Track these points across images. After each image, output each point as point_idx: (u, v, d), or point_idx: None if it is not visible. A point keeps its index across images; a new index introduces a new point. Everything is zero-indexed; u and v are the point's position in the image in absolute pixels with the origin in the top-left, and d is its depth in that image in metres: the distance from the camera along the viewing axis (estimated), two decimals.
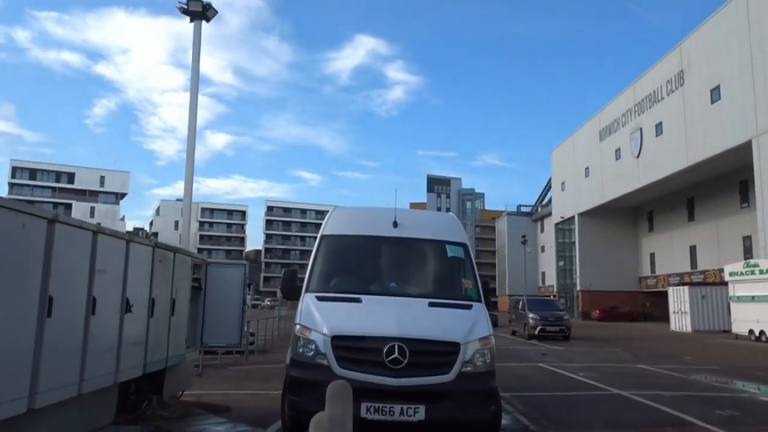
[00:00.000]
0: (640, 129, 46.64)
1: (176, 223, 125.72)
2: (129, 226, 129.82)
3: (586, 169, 57.81)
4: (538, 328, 27.02)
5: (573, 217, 61.01)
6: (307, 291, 6.45)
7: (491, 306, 6.80)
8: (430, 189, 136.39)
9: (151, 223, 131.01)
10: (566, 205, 63.01)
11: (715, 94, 36.96)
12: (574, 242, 61.31)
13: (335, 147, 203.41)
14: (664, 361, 17.74)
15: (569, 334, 27.23)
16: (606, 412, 9.41)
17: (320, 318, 5.76)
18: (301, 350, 5.63)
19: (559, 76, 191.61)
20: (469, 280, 6.82)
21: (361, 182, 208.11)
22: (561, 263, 66.56)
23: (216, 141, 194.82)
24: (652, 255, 55.64)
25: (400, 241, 7.05)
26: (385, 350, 5.34)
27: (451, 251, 7.04)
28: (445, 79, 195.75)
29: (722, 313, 33.69)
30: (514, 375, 13.86)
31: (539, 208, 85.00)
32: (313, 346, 5.56)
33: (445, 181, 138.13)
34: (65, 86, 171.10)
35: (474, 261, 7.11)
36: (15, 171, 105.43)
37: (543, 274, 78.48)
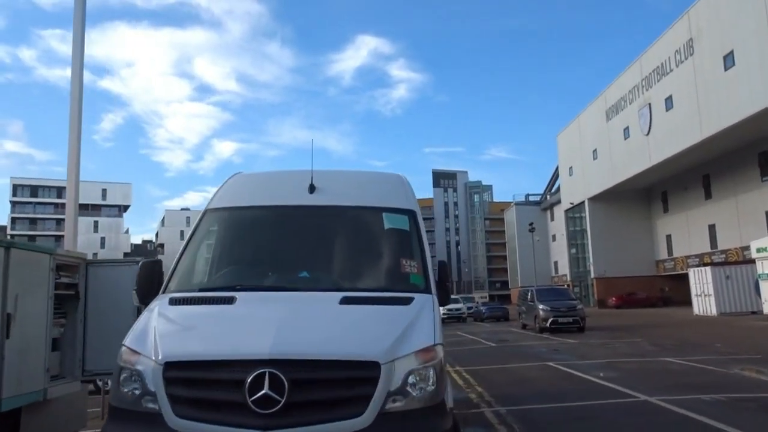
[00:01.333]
0: (649, 104, 44.14)
1: (182, 232, 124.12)
2: (136, 239, 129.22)
3: (594, 151, 55.32)
4: (550, 320, 24.72)
5: (583, 202, 58.54)
6: (164, 291, 4.28)
7: (446, 296, 4.55)
8: (436, 184, 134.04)
9: (156, 234, 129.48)
10: (575, 190, 60.53)
11: (729, 60, 34.46)
12: (586, 229, 58.84)
13: (342, 148, 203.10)
14: (692, 351, 15.43)
15: (584, 324, 24.93)
16: None
17: (155, 335, 3.51)
18: (123, 389, 3.39)
19: (564, 63, 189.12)
20: (414, 262, 4.57)
21: None
22: (573, 251, 64.08)
23: (223, 149, 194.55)
24: (669, 237, 53.05)
25: (316, 212, 4.89)
26: (248, 383, 3.13)
27: (389, 222, 4.84)
28: (448, 74, 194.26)
29: (749, 293, 31.25)
30: (517, 379, 11.65)
31: (548, 197, 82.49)
32: (139, 383, 3.33)
33: (451, 175, 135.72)
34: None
35: (424, 234, 4.88)
36: (16, 189, 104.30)
37: (555, 263, 76.03)
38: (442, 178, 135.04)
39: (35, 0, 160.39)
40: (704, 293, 34.16)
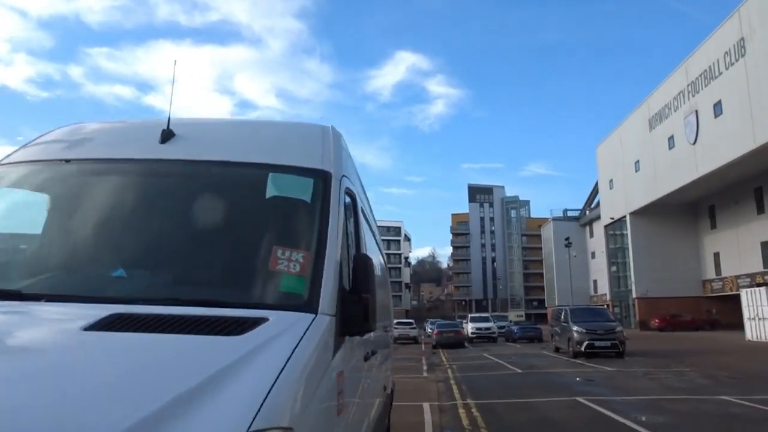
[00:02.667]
0: (696, 111, 41.12)
1: None
2: None
3: (636, 162, 52.24)
4: (585, 344, 22.19)
5: (624, 217, 55.36)
6: None
7: (362, 319, 2.48)
8: (471, 199, 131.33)
9: None
10: (616, 204, 57.38)
11: None
12: (627, 245, 55.57)
13: (380, 164, 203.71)
14: (755, 386, 12.89)
15: (623, 349, 22.32)
16: None
17: None
18: None
19: (603, 76, 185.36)
20: (300, 253, 2.51)
21: (406, 198, 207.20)
22: (613, 269, 60.71)
23: None
24: (717, 255, 49.42)
25: (161, 170, 3.00)
26: None
27: (277, 186, 2.84)
28: (487, 89, 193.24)
29: None
30: (537, 421, 9.41)
31: (587, 212, 79.07)
32: None
33: (487, 190, 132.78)
34: (118, 118, 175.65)
35: (339, 209, 2.83)
36: None
37: (594, 282, 72.53)
38: (478, 193, 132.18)
39: (84, 20, 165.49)
40: (758, 317, 31.03)
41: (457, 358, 24.81)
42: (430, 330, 42.69)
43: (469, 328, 39.22)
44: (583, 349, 22.18)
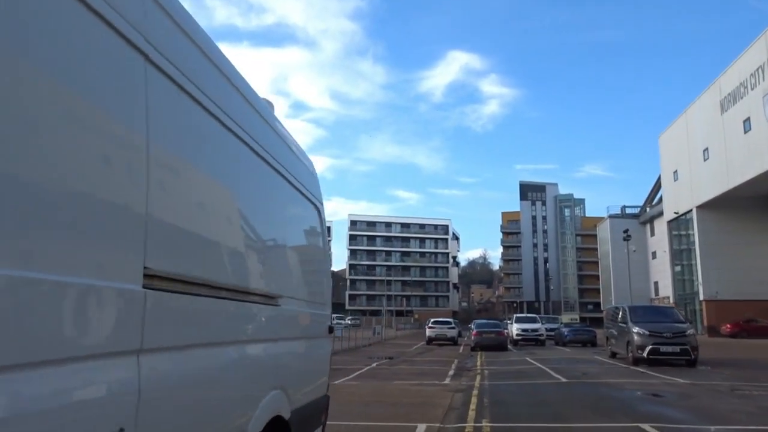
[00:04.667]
0: None
1: None
2: None
3: (705, 150, 47.11)
4: (648, 348, 18.33)
5: (690, 211, 50.17)
6: None
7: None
8: (523, 197, 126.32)
9: None
10: (681, 197, 52.20)
11: None
12: (693, 242, 50.38)
13: (432, 165, 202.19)
14: None
15: (696, 357, 18.36)
16: None
17: None
18: None
19: (661, 74, 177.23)
20: None
21: (458, 199, 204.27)
22: (678, 269, 55.43)
23: (316, 165, 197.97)
24: None
25: None
26: None
27: None
28: (541, 89, 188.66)
29: None
30: None
31: (647, 209, 73.48)
32: None
33: (540, 188, 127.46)
34: None
35: None
36: None
37: (656, 284, 67.07)
38: (530, 191, 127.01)
39: None
40: None
41: (494, 362, 21.31)
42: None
43: (514, 329, 35.42)
44: (645, 355, 18.33)
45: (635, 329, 19.06)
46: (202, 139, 2.56)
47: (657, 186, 70.20)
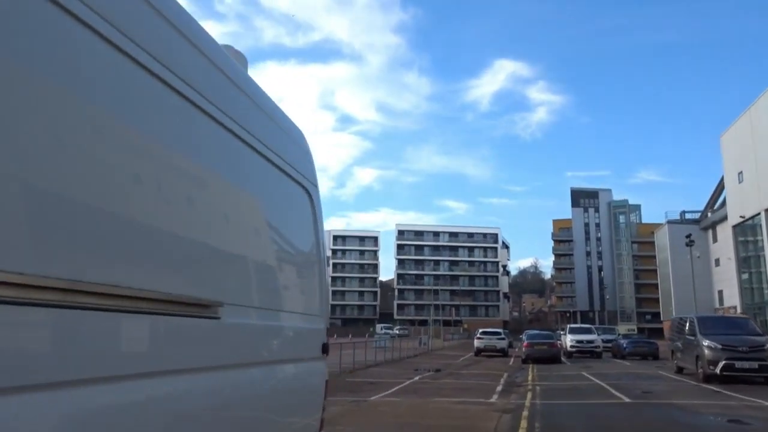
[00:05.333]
0: None
1: None
2: None
3: None
4: (721, 364, 16.44)
5: (758, 214, 46.88)
6: None
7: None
8: (575, 203, 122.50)
9: None
10: (747, 200, 48.90)
11: None
12: (762, 247, 47.04)
13: (479, 174, 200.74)
14: None
15: None
16: None
17: None
18: None
19: (717, 76, 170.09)
20: None
21: (508, 208, 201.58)
22: (745, 277, 51.95)
23: (364, 176, 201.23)
24: None
25: None
26: None
27: None
28: (590, 94, 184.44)
29: None
30: None
31: (709, 214, 69.65)
32: None
33: (593, 194, 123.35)
34: None
35: None
36: None
37: (720, 293, 63.21)
38: (582, 197, 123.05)
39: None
40: None
41: (547, 376, 19.72)
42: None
43: (568, 340, 33.42)
44: (718, 371, 16.45)
45: (706, 342, 17.18)
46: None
47: (719, 189, 66.45)
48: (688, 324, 19.30)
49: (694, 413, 10.71)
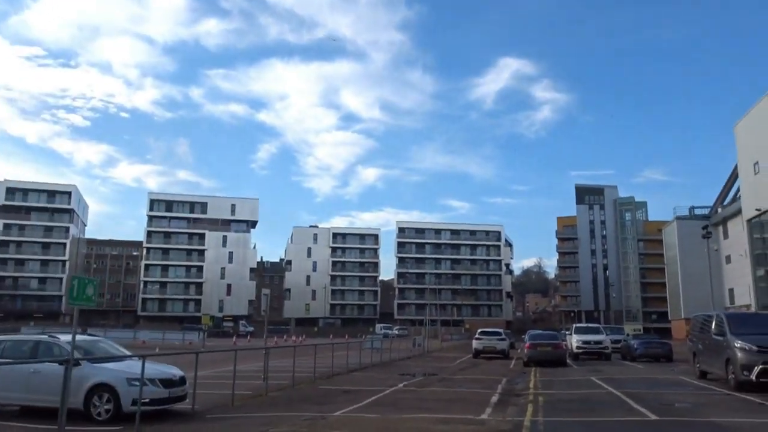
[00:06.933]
0: None
1: (309, 249, 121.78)
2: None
3: None
4: (758, 369, 13.82)
5: None
6: None
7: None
8: (579, 201, 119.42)
9: (285, 251, 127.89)
10: (763, 192, 46.20)
11: None
12: None
13: (483, 173, 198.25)
14: None
15: None
16: None
17: None
18: None
19: (722, 73, 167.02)
20: None
21: (511, 207, 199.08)
22: (760, 273, 49.23)
23: (367, 175, 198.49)
24: None
25: None
26: None
27: None
28: (595, 93, 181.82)
29: None
30: None
31: (719, 209, 66.93)
32: None
33: (598, 191, 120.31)
34: (233, 135, 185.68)
35: None
36: (153, 204, 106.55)
37: (731, 291, 60.52)
38: (586, 194, 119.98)
39: (203, 43, 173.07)
40: None
41: (551, 383, 17.17)
42: None
43: (574, 341, 30.76)
44: (753, 377, 13.85)
45: (738, 344, 14.60)
46: None
47: (730, 183, 63.78)
48: (714, 322, 16.68)
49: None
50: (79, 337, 12.25)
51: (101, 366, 10.52)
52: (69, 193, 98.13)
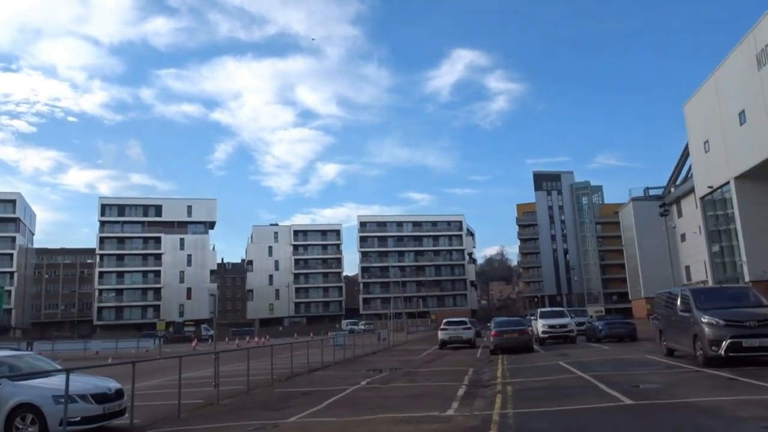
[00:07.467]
0: None
1: (270, 248, 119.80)
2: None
3: (741, 113, 41.88)
4: (726, 344, 13.50)
5: (727, 183, 44.96)
6: None
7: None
8: (537, 187, 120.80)
9: (246, 251, 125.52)
10: (714, 170, 46.95)
11: None
12: (733, 218, 45.14)
13: (442, 165, 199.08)
14: None
15: None
16: None
17: None
18: None
19: (669, 59, 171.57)
20: None
21: (471, 198, 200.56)
22: (715, 249, 50.13)
23: (327, 171, 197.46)
24: None
25: None
26: None
27: None
28: (548, 82, 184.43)
29: None
30: None
31: (672, 189, 68.14)
32: None
33: (555, 177, 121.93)
34: (187, 136, 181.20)
35: None
36: (104, 209, 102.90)
37: (687, 268, 61.77)
38: (544, 181, 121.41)
39: (151, 43, 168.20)
40: None
41: (519, 370, 16.62)
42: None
43: (539, 325, 30.50)
44: (722, 352, 13.52)
45: (705, 318, 14.25)
46: None
47: (681, 163, 64.92)
48: (679, 299, 16.35)
49: (730, 419, 7.60)
50: (0, 352, 11.13)
51: (24, 383, 9.48)
52: (14, 201, 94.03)
